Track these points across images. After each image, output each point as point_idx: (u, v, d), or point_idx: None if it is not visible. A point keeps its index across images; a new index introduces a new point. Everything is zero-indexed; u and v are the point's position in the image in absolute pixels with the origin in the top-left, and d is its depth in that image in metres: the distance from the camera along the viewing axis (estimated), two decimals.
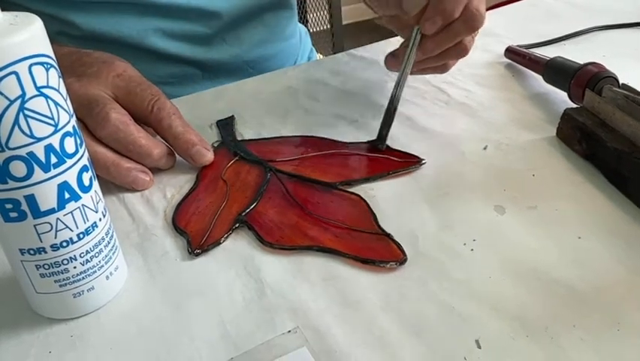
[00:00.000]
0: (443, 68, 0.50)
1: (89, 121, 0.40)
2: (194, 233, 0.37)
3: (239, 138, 0.49)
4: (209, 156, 0.44)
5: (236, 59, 0.65)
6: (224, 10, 0.61)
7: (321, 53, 0.84)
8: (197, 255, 0.36)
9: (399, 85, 0.46)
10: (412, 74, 0.47)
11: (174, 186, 0.43)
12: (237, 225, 0.38)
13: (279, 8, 0.68)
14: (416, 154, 0.44)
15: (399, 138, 0.47)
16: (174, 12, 0.59)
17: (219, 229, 0.38)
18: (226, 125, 0.50)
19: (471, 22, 0.44)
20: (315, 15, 1.94)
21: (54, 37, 0.46)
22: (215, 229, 0.38)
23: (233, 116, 0.52)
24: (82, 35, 0.57)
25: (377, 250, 0.35)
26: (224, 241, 0.37)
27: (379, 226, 0.37)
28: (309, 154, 0.46)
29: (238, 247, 0.37)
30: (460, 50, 0.47)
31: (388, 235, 0.36)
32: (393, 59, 0.49)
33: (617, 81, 0.45)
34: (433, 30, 0.44)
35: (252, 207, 0.39)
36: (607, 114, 0.42)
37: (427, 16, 0.43)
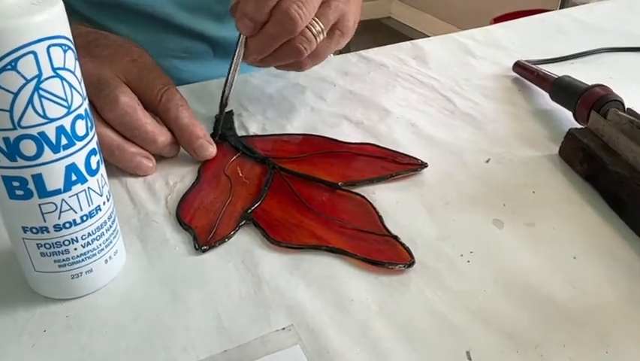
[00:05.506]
0: (295, 66, 0.46)
1: (98, 102, 0.41)
2: (200, 229, 0.37)
3: (242, 132, 0.49)
4: (211, 151, 0.44)
5: None
6: None
7: None
8: (205, 251, 0.36)
9: (227, 84, 0.45)
10: (276, 68, 0.46)
11: (177, 175, 0.43)
12: (244, 222, 0.38)
13: None
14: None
15: (402, 143, 0.47)
16: None
17: (225, 225, 0.38)
18: (225, 120, 0.50)
19: (283, 24, 0.39)
20: None
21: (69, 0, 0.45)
22: (221, 226, 0.38)
23: (232, 110, 0.52)
24: (98, 1, 0.56)
25: (385, 252, 0.35)
26: (230, 238, 0.37)
27: (386, 228, 0.37)
28: (313, 153, 0.46)
29: (237, 241, 0.37)
30: (292, 52, 0.42)
31: (395, 238, 0.37)
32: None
33: (623, 105, 0.46)
34: (245, 32, 0.41)
35: (258, 204, 0.39)
36: (611, 137, 0.42)
37: (237, 17, 0.40)
